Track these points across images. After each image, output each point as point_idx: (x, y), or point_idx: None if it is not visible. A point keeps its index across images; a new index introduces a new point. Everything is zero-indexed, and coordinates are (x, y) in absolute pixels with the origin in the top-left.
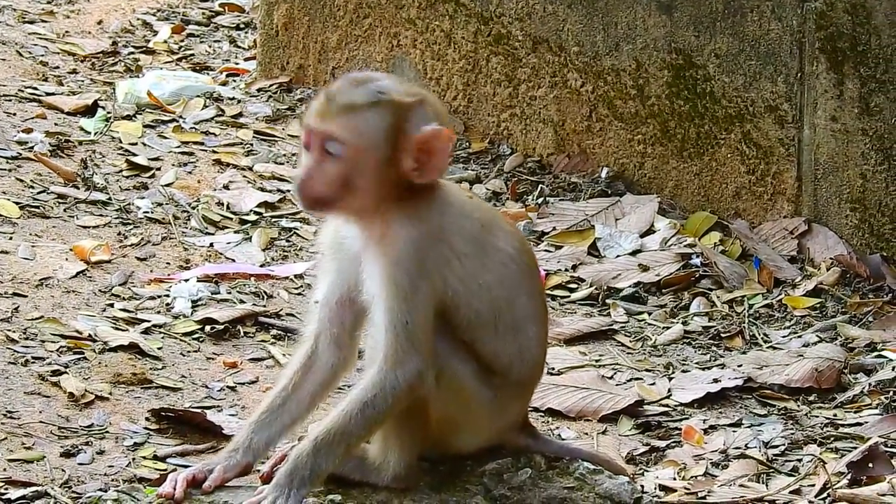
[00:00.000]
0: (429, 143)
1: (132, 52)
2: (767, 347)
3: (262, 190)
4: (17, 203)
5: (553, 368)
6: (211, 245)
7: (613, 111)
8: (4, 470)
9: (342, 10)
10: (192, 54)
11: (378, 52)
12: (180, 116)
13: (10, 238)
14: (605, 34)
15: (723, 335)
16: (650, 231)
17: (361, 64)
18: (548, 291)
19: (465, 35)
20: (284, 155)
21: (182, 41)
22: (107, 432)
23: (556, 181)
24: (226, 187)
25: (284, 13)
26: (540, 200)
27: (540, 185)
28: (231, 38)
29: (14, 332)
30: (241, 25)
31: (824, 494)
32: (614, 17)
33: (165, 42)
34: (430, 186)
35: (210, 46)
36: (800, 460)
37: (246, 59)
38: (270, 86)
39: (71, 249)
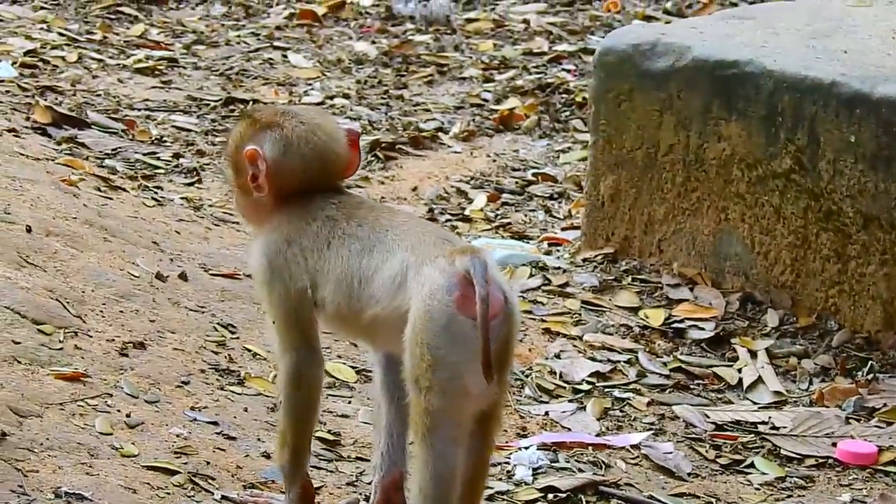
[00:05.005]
0: (247, 159)
1: (449, 220)
2: None
3: (593, 360)
4: (353, 367)
5: None
6: (546, 413)
7: None
8: None
9: (670, 184)
10: (509, 222)
11: (705, 225)
12: None
13: (349, 402)
14: None
15: None
16: None
17: (688, 237)
18: (880, 467)
19: (795, 211)
20: (613, 325)
21: (497, 209)
22: None
23: (886, 358)
24: (557, 356)
25: (611, 184)
26: (870, 377)
27: (869, 362)
28: (546, 208)
29: None
30: (555, 195)
31: None
32: None
33: (482, 210)
34: (297, 199)
35: (525, 215)
36: None
37: (563, 229)
38: (595, 256)
39: None
